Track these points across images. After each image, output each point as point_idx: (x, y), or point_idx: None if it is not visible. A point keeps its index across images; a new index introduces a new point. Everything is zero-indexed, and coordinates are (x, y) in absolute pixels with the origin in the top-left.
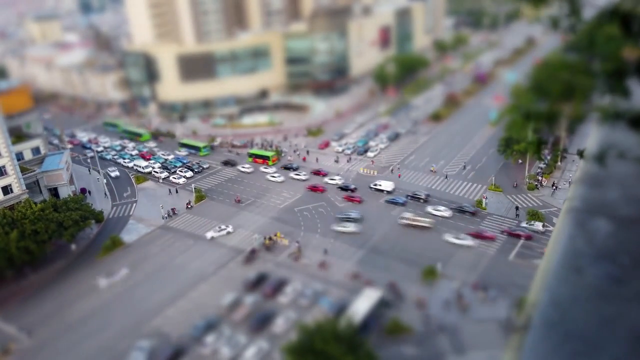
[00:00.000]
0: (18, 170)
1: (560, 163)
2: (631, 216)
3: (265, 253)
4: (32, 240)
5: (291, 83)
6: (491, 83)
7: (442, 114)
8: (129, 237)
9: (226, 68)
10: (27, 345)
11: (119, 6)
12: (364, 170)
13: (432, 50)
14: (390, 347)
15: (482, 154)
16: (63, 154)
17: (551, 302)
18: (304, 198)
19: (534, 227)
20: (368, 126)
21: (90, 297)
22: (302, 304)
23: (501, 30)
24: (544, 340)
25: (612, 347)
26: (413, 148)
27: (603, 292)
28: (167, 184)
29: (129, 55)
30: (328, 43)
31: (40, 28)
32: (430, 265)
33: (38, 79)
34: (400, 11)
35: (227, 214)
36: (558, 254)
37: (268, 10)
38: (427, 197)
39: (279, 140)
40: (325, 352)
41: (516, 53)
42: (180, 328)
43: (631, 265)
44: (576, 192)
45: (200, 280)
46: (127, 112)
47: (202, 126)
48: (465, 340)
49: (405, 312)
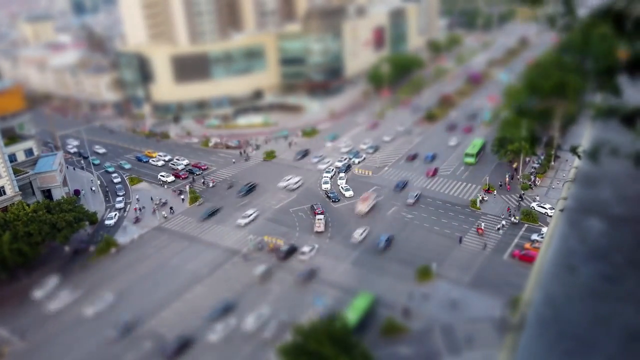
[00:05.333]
0: (11, 172)
1: (554, 163)
2: (624, 215)
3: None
4: (25, 242)
5: (286, 84)
6: (485, 83)
7: (437, 114)
8: (123, 238)
9: (220, 69)
10: (20, 347)
11: (113, 7)
12: (359, 170)
13: (426, 50)
14: (385, 347)
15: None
16: (56, 155)
17: (545, 301)
18: (299, 199)
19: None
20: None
21: (83, 300)
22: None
23: (495, 31)
24: (539, 339)
25: (605, 345)
26: (407, 148)
27: (596, 291)
28: (165, 186)
29: (123, 55)
30: (322, 44)
31: (33, 29)
32: (424, 265)
33: (31, 79)
34: (394, 12)
35: (223, 214)
36: (552, 253)
37: (262, 10)
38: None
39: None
40: (320, 353)
41: (510, 53)
42: (176, 330)
43: (624, 264)
44: (570, 191)
45: (196, 281)
46: (121, 113)
47: (196, 127)
48: (461, 340)
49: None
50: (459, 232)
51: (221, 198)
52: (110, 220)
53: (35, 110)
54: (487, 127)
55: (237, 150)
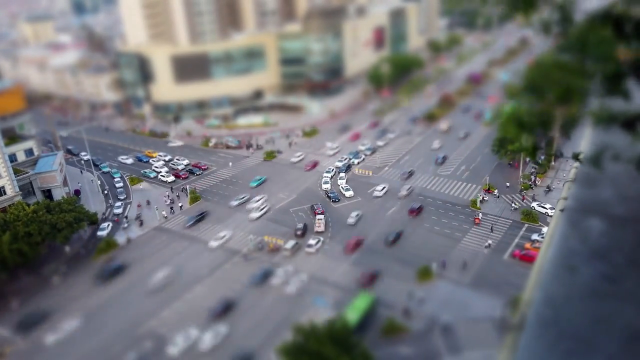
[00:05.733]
0: (11, 172)
1: (554, 163)
2: (624, 215)
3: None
4: (25, 242)
5: (286, 84)
6: (485, 83)
7: (437, 114)
8: (123, 239)
9: (220, 69)
10: (22, 347)
11: (113, 7)
12: (359, 170)
13: (426, 50)
14: (385, 347)
15: (476, 154)
16: (57, 155)
17: (545, 301)
18: (299, 199)
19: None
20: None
21: (84, 300)
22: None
23: (495, 31)
24: (539, 339)
25: (606, 345)
26: (408, 148)
27: (597, 291)
28: (162, 185)
29: (123, 56)
30: (322, 44)
31: (33, 29)
32: (425, 265)
33: (31, 80)
34: (394, 12)
35: (222, 215)
36: (552, 253)
37: (262, 10)
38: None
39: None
40: (321, 353)
41: (510, 53)
42: (176, 330)
43: (624, 264)
44: (570, 191)
45: (196, 282)
46: (121, 113)
47: (196, 127)
48: (460, 340)
49: (401, 312)
50: (459, 232)
51: (221, 198)
52: (103, 232)
53: (35, 110)
54: (487, 126)
55: (238, 150)
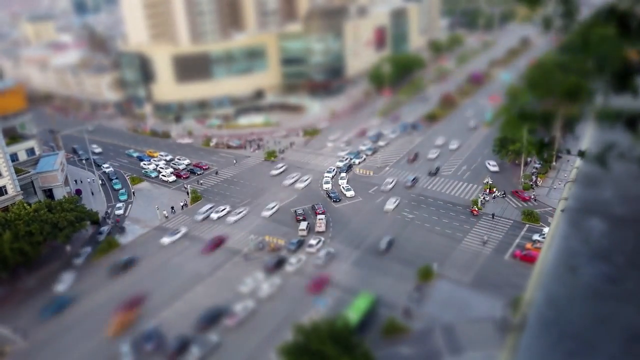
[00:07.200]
0: (12, 172)
1: (555, 163)
2: (626, 215)
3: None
4: (27, 241)
5: (287, 83)
6: (487, 83)
7: (438, 114)
8: (124, 238)
9: (222, 69)
10: (22, 347)
11: (114, 7)
12: (360, 170)
13: (427, 50)
14: (386, 347)
15: (477, 154)
16: (58, 155)
17: (547, 302)
18: (300, 199)
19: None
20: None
21: (85, 299)
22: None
23: (496, 31)
24: (540, 340)
25: (607, 346)
26: (409, 148)
27: (598, 292)
28: (163, 185)
29: (124, 55)
30: (323, 43)
31: (35, 28)
32: (426, 265)
33: (32, 79)
34: (395, 12)
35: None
36: (553, 254)
37: (263, 10)
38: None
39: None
40: (322, 353)
41: (511, 53)
42: (177, 329)
43: (626, 264)
44: (571, 191)
45: (197, 281)
46: (122, 113)
47: (197, 127)
48: (461, 340)
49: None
50: (460, 233)
51: (223, 197)
52: (101, 235)
53: (36, 109)
54: (489, 127)
55: (238, 150)
